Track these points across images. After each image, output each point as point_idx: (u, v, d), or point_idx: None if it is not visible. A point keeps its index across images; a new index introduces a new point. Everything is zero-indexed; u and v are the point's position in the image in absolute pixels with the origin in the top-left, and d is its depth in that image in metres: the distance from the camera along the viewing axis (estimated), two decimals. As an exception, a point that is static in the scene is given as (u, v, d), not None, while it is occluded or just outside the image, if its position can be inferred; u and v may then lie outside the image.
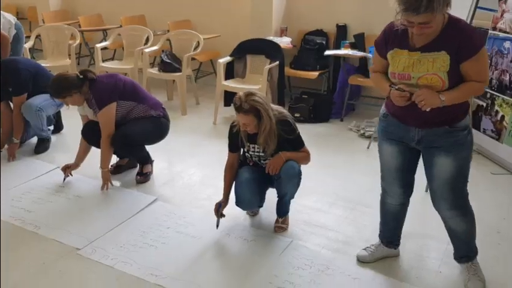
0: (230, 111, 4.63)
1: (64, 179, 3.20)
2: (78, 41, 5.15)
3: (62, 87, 2.84)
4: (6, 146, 3.59)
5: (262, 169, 2.60)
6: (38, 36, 5.28)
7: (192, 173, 3.41)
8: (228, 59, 4.43)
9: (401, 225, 2.39)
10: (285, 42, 4.54)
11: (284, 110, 2.57)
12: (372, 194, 3.09)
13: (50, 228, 2.65)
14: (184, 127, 4.27)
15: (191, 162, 3.59)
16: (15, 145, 3.53)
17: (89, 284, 2.23)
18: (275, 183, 2.56)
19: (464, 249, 2.22)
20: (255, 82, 4.34)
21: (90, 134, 3.11)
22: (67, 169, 3.19)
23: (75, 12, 6.47)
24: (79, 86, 2.87)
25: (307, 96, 4.52)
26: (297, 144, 2.56)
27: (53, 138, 3.91)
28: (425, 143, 2.03)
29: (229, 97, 4.60)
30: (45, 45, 5.34)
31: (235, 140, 2.59)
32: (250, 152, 2.60)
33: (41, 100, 3.52)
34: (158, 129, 3.16)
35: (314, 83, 4.77)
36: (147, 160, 3.28)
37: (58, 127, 4.08)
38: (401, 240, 2.57)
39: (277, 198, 2.65)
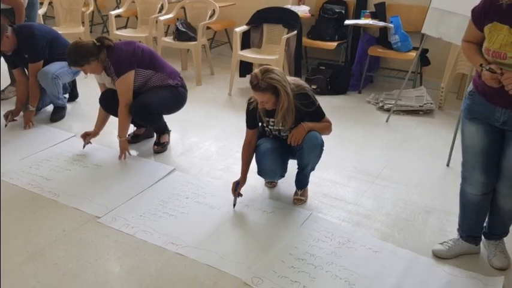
0: (245, 82, 4.57)
1: (84, 146, 3.18)
2: (91, 8, 5.06)
3: (80, 55, 2.79)
4: (21, 113, 3.58)
5: (283, 140, 2.56)
6: (50, 3, 5.19)
7: (209, 144, 3.38)
8: (244, 28, 4.33)
9: (483, 219, 2.20)
10: (303, 11, 4.42)
11: (302, 82, 2.50)
12: (391, 167, 3.07)
13: (69, 196, 2.66)
14: (200, 98, 4.22)
15: (207, 133, 3.56)
16: (31, 112, 3.51)
17: (110, 252, 2.24)
18: (297, 154, 2.52)
19: (501, 227, 2.18)
20: (272, 52, 4.25)
21: (108, 103, 3.07)
22: (86, 136, 3.17)
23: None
24: (96, 53, 2.82)
25: (324, 67, 4.43)
26: (317, 115, 2.51)
27: (68, 106, 3.88)
28: (510, 125, 1.89)
29: (244, 67, 4.54)
30: (57, 12, 5.26)
31: (253, 117, 2.54)
32: (270, 127, 2.56)
33: (57, 67, 3.48)
34: (176, 98, 3.11)
35: (332, 54, 4.67)
36: (164, 130, 3.25)
37: (73, 95, 4.05)
38: (423, 216, 2.55)
39: (296, 170, 2.62)
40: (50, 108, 3.79)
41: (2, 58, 3.60)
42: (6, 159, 3.06)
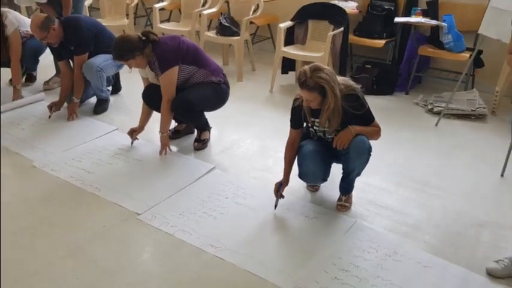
0: (287, 79, 4.48)
1: (132, 143, 3.16)
2: (136, 1, 5.07)
3: (125, 50, 2.77)
4: (65, 104, 3.61)
5: (327, 143, 2.46)
6: (96, -5, 5.26)
7: (249, 142, 3.31)
8: (288, 24, 4.22)
9: None
10: (350, 6, 4.26)
11: (352, 83, 2.37)
12: (440, 175, 2.91)
13: (110, 191, 2.65)
14: (241, 94, 4.14)
15: (248, 131, 3.49)
16: (75, 104, 3.55)
17: (149, 251, 2.21)
18: (342, 159, 2.41)
19: None
20: (316, 49, 4.13)
21: (151, 98, 3.05)
22: (133, 133, 3.15)
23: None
24: (142, 48, 2.79)
25: (370, 66, 4.27)
26: (366, 119, 2.38)
27: (111, 99, 3.89)
28: None
29: (287, 64, 4.44)
30: (103, 4, 5.31)
31: (297, 115, 2.44)
32: (315, 127, 2.45)
33: (102, 60, 3.49)
34: (219, 95, 3.06)
35: (378, 52, 4.49)
36: (205, 127, 3.20)
37: (116, 88, 4.07)
38: (475, 229, 2.40)
39: (341, 175, 2.51)
40: (93, 100, 3.82)
41: (48, 49, 3.65)
42: (49, 150, 3.09)
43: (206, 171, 2.87)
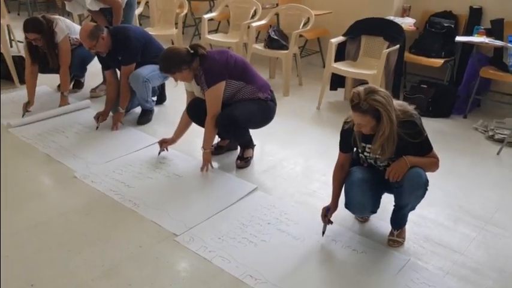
0: (336, 96, 4.30)
1: (159, 153, 3.12)
2: (185, 11, 5.05)
3: (173, 62, 2.69)
4: (110, 113, 3.59)
5: (378, 171, 2.27)
6: (147, 3, 5.28)
7: (294, 162, 3.15)
8: (340, 39, 4.05)
9: None
10: (407, 23, 4.05)
11: (410, 108, 2.17)
12: (504, 212, 2.64)
13: (148, 208, 2.56)
14: (286, 110, 3.99)
15: (293, 150, 3.33)
16: (120, 114, 3.51)
17: (186, 277, 2.08)
18: (395, 191, 2.21)
19: None
20: (369, 66, 3.93)
21: (195, 112, 2.96)
22: (163, 143, 3.10)
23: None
24: (189, 61, 2.70)
25: (426, 85, 4.02)
26: (423, 148, 2.16)
27: (156, 109, 3.85)
28: None
29: (336, 80, 4.26)
30: (153, 13, 5.34)
31: (347, 139, 2.27)
32: (365, 153, 2.27)
33: (149, 71, 3.44)
34: (265, 113, 2.92)
35: (435, 72, 4.24)
36: (249, 144, 3.07)
37: (161, 98, 4.02)
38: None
39: (393, 206, 2.31)
40: (137, 110, 3.78)
41: (96, 58, 3.64)
42: (91, 160, 3.05)
43: (248, 192, 2.74)
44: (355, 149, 2.32)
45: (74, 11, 4.02)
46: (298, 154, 3.27)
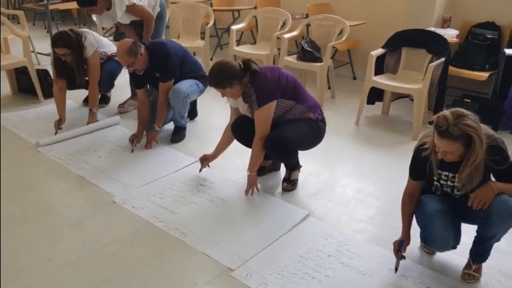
0: (373, 109, 4.12)
1: (200, 170, 2.97)
2: (212, 21, 4.88)
3: (225, 77, 2.52)
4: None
5: (453, 199, 2.09)
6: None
7: (343, 184, 2.97)
8: (380, 51, 3.87)
9: None
10: (450, 35, 3.87)
11: (492, 132, 2.00)
12: None
13: (197, 237, 2.38)
14: (324, 125, 3.83)
15: (338, 170, 3.16)
16: (156, 133, 3.34)
17: (249, 320, 1.91)
18: (480, 221, 2.02)
19: None
20: (410, 80, 3.76)
21: (240, 130, 2.80)
22: (205, 160, 2.95)
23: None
24: (241, 77, 2.54)
25: (470, 100, 3.84)
26: (508, 175, 1.98)
27: (187, 125, 3.68)
28: None
29: (374, 94, 4.07)
30: (174, 24, 5.17)
31: (422, 166, 2.08)
32: (441, 182, 2.09)
33: (188, 86, 3.29)
34: (316, 134, 2.75)
35: (478, 85, 4.06)
36: (296, 166, 2.90)
37: (193, 114, 3.85)
38: None
39: (474, 237, 2.10)
40: (168, 126, 3.60)
41: (129, 74, 3.48)
42: (129, 183, 2.89)
43: (300, 219, 2.56)
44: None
45: (101, 24, 3.85)
46: (344, 175, 3.09)
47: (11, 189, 2.80)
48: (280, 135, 2.61)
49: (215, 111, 3.99)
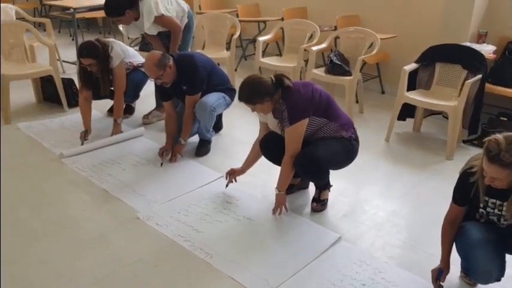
0: (404, 126, 3.97)
1: (227, 185, 2.88)
2: (238, 32, 4.81)
3: (256, 92, 2.42)
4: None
5: (498, 229, 1.95)
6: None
7: (375, 205, 2.83)
8: (413, 66, 3.73)
9: None
10: (487, 50, 3.71)
11: None
12: None
13: (223, 259, 2.27)
14: (352, 141, 3.70)
15: (369, 190, 3.02)
16: (181, 146, 3.26)
17: None
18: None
19: None
20: (445, 96, 3.61)
21: (269, 147, 2.69)
22: (231, 175, 2.86)
23: (231, 0, 6.21)
24: (273, 93, 2.44)
25: (506, 118, 3.67)
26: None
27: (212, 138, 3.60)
28: None
29: (405, 109, 3.91)
30: (199, 34, 5.11)
31: (467, 191, 1.95)
32: (488, 209, 1.95)
33: (215, 99, 3.21)
34: (349, 153, 2.62)
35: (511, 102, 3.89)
36: (327, 185, 2.78)
37: (218, 127, 3.76)
38: None
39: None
40: (192, 139, 3.51)
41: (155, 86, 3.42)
42: (152, 198, 2.80)
43: (332, 243, 2.43)
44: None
45: (128, 34, 3.82)
46: (376, 196, 2.96)
47: (32, 201, 2.74)
48: (312, 154, 2.49)
49: (240, 123, 3.91)
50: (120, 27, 3.93)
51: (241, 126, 3.89)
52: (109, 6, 3.36)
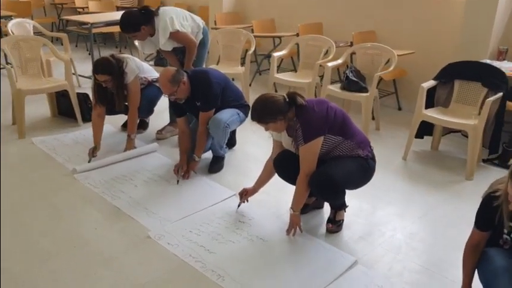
0: (421, 144, 3.88)
1: (239, 206, 2.82)
2: (253, 47, 4.79)
3: (268, 112, 2.38)
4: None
5: (524, 256, 1.85)
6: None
7: (392, 227, 2.74)
8: (431, 83, 3.66)
9: None
10: (508, 67, 3.62)
11: None
12: None
13: (236, 283, 2.20)
14: (368, 159, 3.62)
15: (386, 211, 2.93)
16: (196, 163, 3.22)
17: None
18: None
19: None
20: (463, 115, 3.52)
21: (283, 166, 2.63)
22: (245, 195, 2.80)
23: (246, 16, 6.23)
24: (286, 111, 2.39)
25: (527, 137, 3.57)
26: None
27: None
28: None
29: (423, 127, 3.83)
30: (217, 49, 5.12)
31: (491, 216, 1.86)
32: (512, 235, 1.86)
33: (229, 115, 3.17)
34: (365, 172, 2.55)
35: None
36: (342, 206, 2.70)
37: (231, 143, 3.71)
38: None
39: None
40: (205, 155, 3.48)
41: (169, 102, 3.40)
42: (164, 216, 2.75)
43: (348, 267, 2.34)
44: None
45: (143, 50, 3.82)
46: (394, 217, 2.87)
47: (44, 218, 2.72)
48: (328, 173, 2.42)
49: (253, 139, 3.86)
50: (136, 42, 3.94)
51: (255, 142, 3.84)
52: (125, 22, 3.37)
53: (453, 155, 3.81)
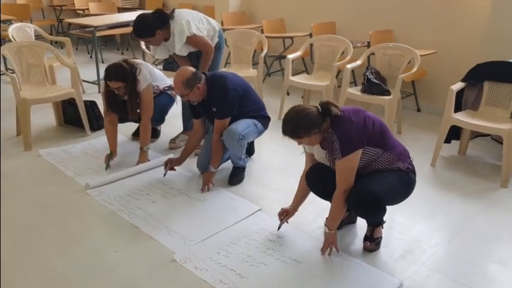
0: (448, 149, 3.70)
1: (279, 227, 2.59)
2: (266, 49, 4.59)
3: (302, 126, 2.18)
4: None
5: None
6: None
7: (435, 244, 2.55)
8: (460, 85, 3.47)
9: None
10: (540, 68, 3.44)
11: None
12: None
13: (274, 313, 2.02)
14: (395, 166, 3.43)
15: (425, 224, 2.74)
16: (211, 174, 3.04)
17: None
18: None
19: None
20: (495, 118, 3.33)
21: (317, 181, 2.44)
22: (285, 216, 2.58)
23: (253, 16, 6.03)
24: (320, 123, 2.19)
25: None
26: None
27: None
28: None
29: (450, 132, 3.65)
30: (227, 51, 4.91)
31: None
32: None
33: (245, 126, 2.98)
34: (406, 187, 2.37)
35: None
36: (380, 222, 2.52)
37: (249, 152, 3.51)
38: None
39: None
40: (225, 165, 3.29)
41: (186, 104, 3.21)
42: (188, 236, 2.56)
43: (394, 291, 2.17)
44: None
45: (155, 54, 3.62)
46: (433, 231, 2.68)
47: (58, 241, 2.52)
48: (368, 189, 2.24)
49: (269, 146, 3.71)
50: (143, 45, 3.73)
51: (272, 149, 3.67)
52: (138, 27, 3.17)
53: (483, 160, 3.63)
